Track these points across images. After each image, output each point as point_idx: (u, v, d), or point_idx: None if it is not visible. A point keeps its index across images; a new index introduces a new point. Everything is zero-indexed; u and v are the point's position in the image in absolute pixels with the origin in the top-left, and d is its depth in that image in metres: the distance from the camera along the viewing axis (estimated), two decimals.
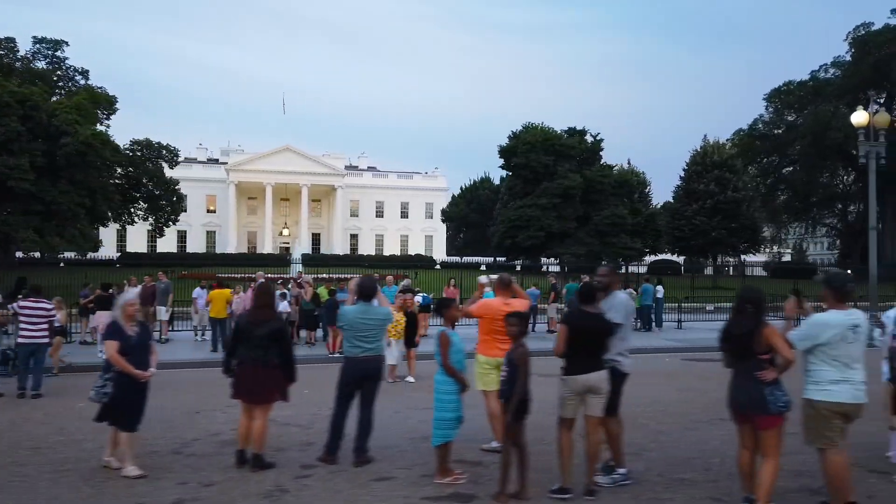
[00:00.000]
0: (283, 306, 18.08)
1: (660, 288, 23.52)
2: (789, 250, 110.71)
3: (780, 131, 62.95)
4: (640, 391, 12.10)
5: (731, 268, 69.63)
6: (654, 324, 23.30)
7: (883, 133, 21.70)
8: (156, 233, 67.23)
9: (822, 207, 71.04)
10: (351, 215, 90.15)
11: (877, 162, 21.89)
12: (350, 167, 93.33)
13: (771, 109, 63.79)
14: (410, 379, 13.08)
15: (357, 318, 7.16)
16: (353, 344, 7.15)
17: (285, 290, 19.12)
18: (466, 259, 58.48)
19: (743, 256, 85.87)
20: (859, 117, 21.70)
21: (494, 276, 8.58)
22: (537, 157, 38.47)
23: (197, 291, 19.84)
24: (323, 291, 19.17)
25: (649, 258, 63.93)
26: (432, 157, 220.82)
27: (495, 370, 7.28)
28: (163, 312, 19.33)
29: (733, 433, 8.62)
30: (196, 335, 19.94)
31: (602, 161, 42.56)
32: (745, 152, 61.98)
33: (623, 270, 43.27)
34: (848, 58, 60.39)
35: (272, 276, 25.85)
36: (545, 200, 38.13)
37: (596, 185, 38.61)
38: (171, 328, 20.26)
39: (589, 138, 42.08)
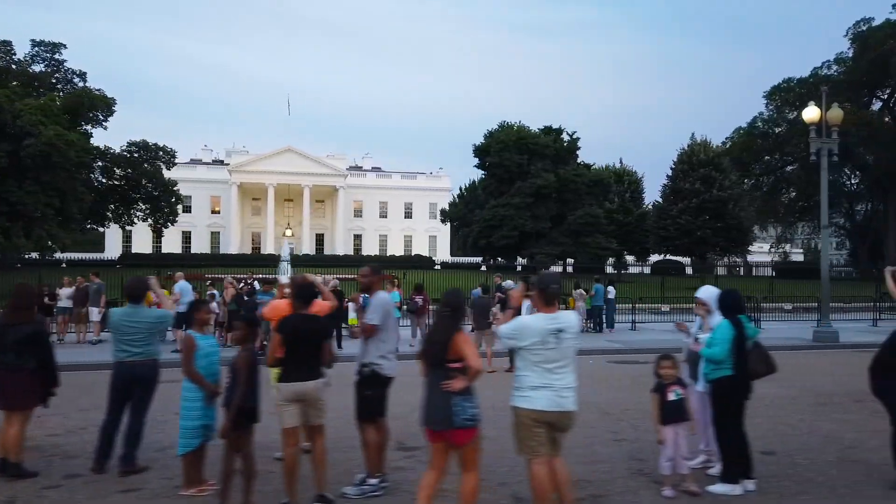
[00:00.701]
0: (213, 307, 17.93)
1: (611, 289, 23.05)
2: (800, 250, 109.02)
3: (780, 129, 61.85)
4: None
5: (741, 268, 68.78)
6: (605, 325, 22.85)
7: (836, 129, 21.09)
8: (156, 233, 67.74)
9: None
10: (354, 216, 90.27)
11: (829, 159, 21.30)
12: (354, 168, 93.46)
13: (772, 107, 62.76)
14: None
15: (122, 320, 6.91)
16: (120, 348, 6.89)
17: (214, 291, 18.96)
18: (467, 259, 58.17)
19: (749, 257, 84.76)
20: (811, 113, 21.16)
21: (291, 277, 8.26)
22: (510, 156, 37.85)
23: None
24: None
25: (653, 258, 63.18)
26: (440, 157, 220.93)
27: None
28: (95, 313, 19.22)
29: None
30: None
31: (579, 160, 41.84)
32: (745, 150, 61.03)
33: (610, 270, 42.85)
34: (851, 54, 59.42)
35: (225, 275, 25.69)
36: (518, 200, 37.53)
37: (570, 184, 37.87)
38: (105, 328, 20.12)
39: (565, 137, 41.38)
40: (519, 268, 46.46)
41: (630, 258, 63.98)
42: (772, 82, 65.85)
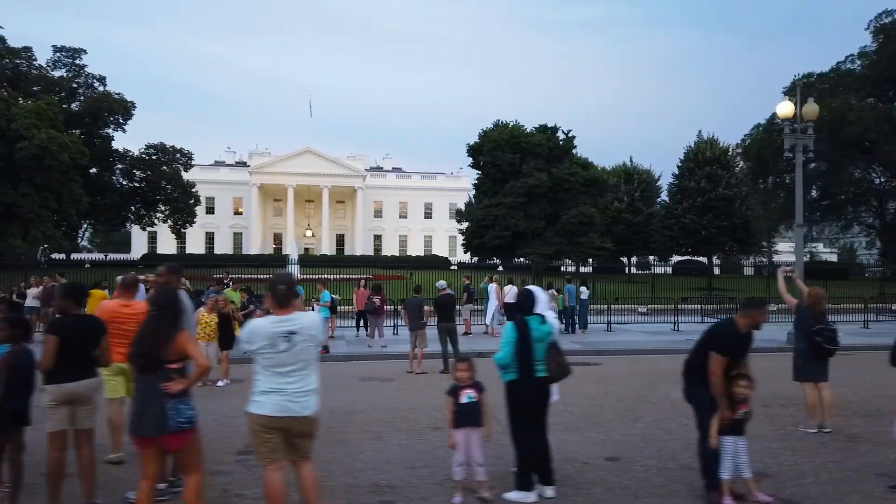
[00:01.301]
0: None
1: (583, 289, 22.65)
2: (835, 250, 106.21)
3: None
4: (413, 399, 11.48)
5: (766, 268, 67.08)
6: (577, 326, 22.46)
7: (811, 125, 20.44)
8: (176, 234, 68.81)
9: (857, 205, 68.00)
10: (375, 216, 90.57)
11: (804, 155, 20.65)
12: (375, 168, 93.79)
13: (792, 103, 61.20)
14: (221, 383, 12.78)
15: None
16: None
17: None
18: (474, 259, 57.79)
19: (777, 257, 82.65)
20: (785, 108, 20.52)
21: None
22: (502, 154, 37.41)
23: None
24: (235, 295, 19.08)
25: (674, 258, 62.07)
26: (461, 157, 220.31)
27: (116, 376, 6.97)
28: None
29: (416, 443, 8.19)
30: None
31: (577, 158, 41.06)
32: (764, 147, 59.65)
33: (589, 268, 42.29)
34: (874, 48, 57.79)
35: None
36: (510, 199, 37.08)
37: (564, 183, 37.24)
38: None
39: (561, 135, 40.70)
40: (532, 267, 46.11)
41: (652, 258, 62.97)
42: (792, 78, 64.13)
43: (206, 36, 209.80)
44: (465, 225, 44.76)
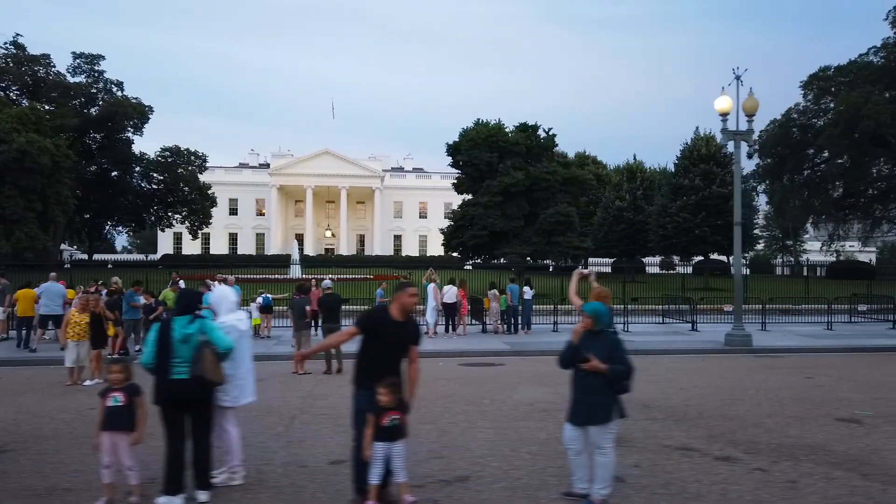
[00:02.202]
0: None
1: (527, 289, 22.32)
2: (873, 249, 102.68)
3: (819, 121, 58.49)
4: (259, 399, 11.39)
5: (793, 268, 65.10)
6: (521, 326, 22.13)
7: (751, 120, 19.77)
8: (193, 235, 70.10)
9: (886, 202, 65.66)
10: (395, 216, 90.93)
11: (741, 151, 19.97)
12: (396, 168, 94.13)
13: (811, 97, 59.41)
14: (89, 382, 12.85)
15: None
16: None
17: (103, 290, 19.37)
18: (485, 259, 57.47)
19: (806, 256, 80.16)
20: (723, 103, 19.85)
21: None
22: (479, 154, 37.12)
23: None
24: (168, 294, 19.37)
25: (696, 258, 60.80)
26: None
27: None
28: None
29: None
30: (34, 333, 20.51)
31: (555, 157, 40.44)
32: (781, 143, 58.01)
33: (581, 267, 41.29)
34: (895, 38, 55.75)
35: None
36: (487, 199, 36.77)
37: (541, 182, 36.70)
38: (11, 327, 20.83)
39: (542, 133, 40.06)
40: (551, 268, 45.66)
41: (675, 258, 61.72)
42: (808, 71, 62.34)
43: (231, 39, 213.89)
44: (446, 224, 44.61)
